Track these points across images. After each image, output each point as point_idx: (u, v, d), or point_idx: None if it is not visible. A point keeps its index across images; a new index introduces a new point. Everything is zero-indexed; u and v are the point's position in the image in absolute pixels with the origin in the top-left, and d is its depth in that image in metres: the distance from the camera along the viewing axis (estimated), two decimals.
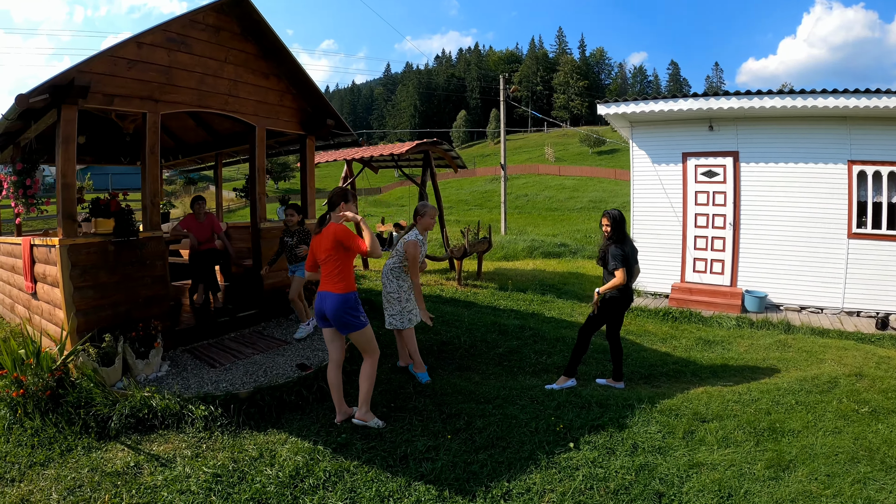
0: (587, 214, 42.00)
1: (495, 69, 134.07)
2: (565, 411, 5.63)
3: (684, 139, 12.13)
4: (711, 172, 11.81)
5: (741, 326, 10.12)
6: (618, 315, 6.72)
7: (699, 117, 11.74)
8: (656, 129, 12.51)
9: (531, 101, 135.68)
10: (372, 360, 5.36)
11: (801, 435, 5.06)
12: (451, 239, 14.43)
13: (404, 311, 6.67)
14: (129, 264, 6.78)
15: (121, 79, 6.64)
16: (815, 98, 10.07)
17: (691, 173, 12.04)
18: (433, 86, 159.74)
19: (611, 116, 12.39)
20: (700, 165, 11.95)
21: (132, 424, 5.35)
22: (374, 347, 5.38)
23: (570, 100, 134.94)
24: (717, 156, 11.79)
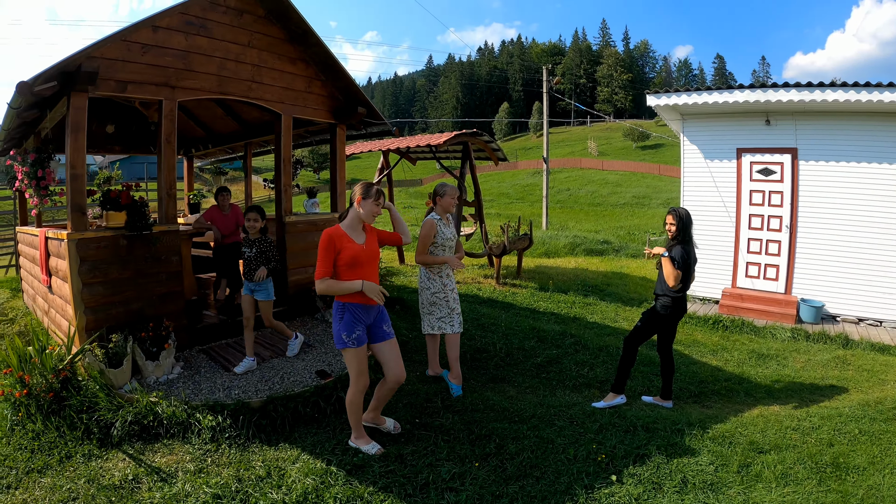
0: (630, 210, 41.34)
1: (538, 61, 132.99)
2: (608, 435, 5.02)
3: (739, 134, 11.33)
4: (768, 170, 11.01)
5: (796, 339, 9.38)
6: (670, 326, 6.06)
7: (755, 110, 10.94)
8: (709, 123, 11.73)
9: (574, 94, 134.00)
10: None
11: (867, 473, 4.42)
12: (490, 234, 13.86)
13: (454, 313, 6.20)
14: (142, 259, 6.41)
15: (135, 64, 6.26)
16: (882, 92, 9.19)
17: (746, 171, 11.25)
18: (475, 78, 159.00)
19: (661, 108, 11.64)
20: (756, 162, 11.14)
21: (136, 432, 5.03)
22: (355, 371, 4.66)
23: (614, 93, 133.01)
24: (774, 152, 10.96)
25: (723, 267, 11.49)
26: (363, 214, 4.55)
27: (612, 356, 7.63)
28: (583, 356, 7.68)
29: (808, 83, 9.87)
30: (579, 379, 6.98)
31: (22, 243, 10.06)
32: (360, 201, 4.55)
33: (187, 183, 13.46)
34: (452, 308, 6.19)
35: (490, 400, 5.79)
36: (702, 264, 9.48)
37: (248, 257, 6.35)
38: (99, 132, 11.07)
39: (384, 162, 14.64)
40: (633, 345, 6.05)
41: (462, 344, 7.54)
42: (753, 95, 10.32)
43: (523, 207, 42.84)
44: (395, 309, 8.99)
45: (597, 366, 7.39)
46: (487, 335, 8.18)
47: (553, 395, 6.30)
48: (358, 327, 4.47)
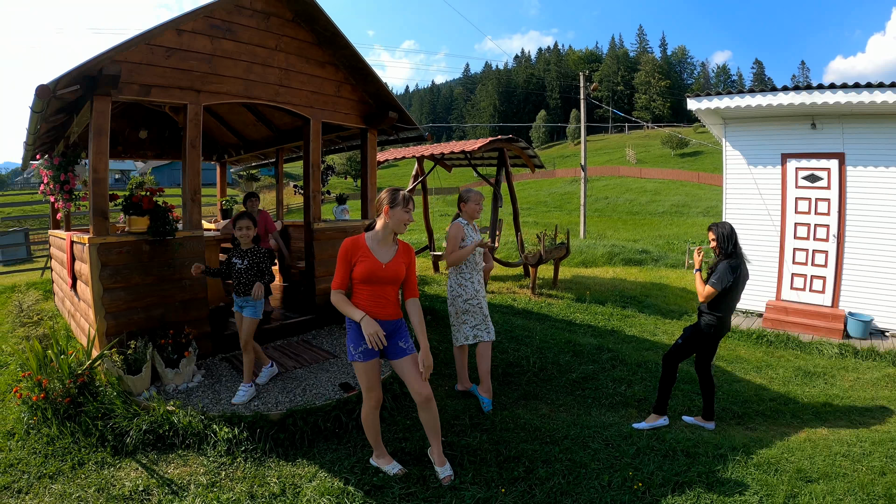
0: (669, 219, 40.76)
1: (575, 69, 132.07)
2: (645, 461, 4.67)
3: (784, 138, 10.82)
4: (814, 177, 10.50)
5: (844, 355, 8.85)
6: (711, 345, 5.69)
7: (800, 113, 10.44)
8: (752, 127, 11.23)
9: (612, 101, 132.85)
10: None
11: None
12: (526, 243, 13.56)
13: (487, 319, 5.99)
14: (164, 265, 6.31)
15: (159, 68, 6.16)
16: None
17: (791, 177, 10.73)
18: (513, 85, 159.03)
19: (701, 112, 11.18)
20: (801, 168, 10.62)
21: (151, 441, 4.90)
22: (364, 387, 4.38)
23: (652, 100, 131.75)
24: (820, 157, 10.43)
25: (767, 278, 10.98)
26: (392, 224, 4.18)
27: (651, 372, 7.26)
28: (620, 372, 7.30)
29: (855, 84, 9.35)
30: (616, 397, 6.59)
31: (53, 246, 10.12)
32: (387, 211, 4.18)
33: (220, 189, 13.40)
34: (486, 314, 5.98)
35: (521, 418, 5.49)
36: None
37: (239, 269, 5.71)
38: (132, 137, 11.10)
39: (419, 168, 14.45)
40: (672, 363, 5.70)
41: (494, 358, 7.24)
42: (798, 97, 9.82)
43: (561, 216, 42.53)
44: (426, 319, 8.71)
45: (635, 383, 6.99)
46: (521, 349, 7.86)
47: (588, 415, 5.95)
48: (364, 341, 4.14)
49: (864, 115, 9.92)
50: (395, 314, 4.27)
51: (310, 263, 8.05)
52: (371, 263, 4.10)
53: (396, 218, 4.15)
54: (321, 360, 6.68)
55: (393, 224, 4.17)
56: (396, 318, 4.28)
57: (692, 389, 6.67)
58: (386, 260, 4.17)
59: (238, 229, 5.76)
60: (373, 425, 4.39)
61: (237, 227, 5.76)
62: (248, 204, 8.77)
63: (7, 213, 29.77)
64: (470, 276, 5.97)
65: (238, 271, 5.71)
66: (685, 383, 6.94)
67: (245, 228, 5.76)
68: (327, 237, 8.07)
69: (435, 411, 4.31)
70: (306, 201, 8.08)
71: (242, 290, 5.68)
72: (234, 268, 5.73)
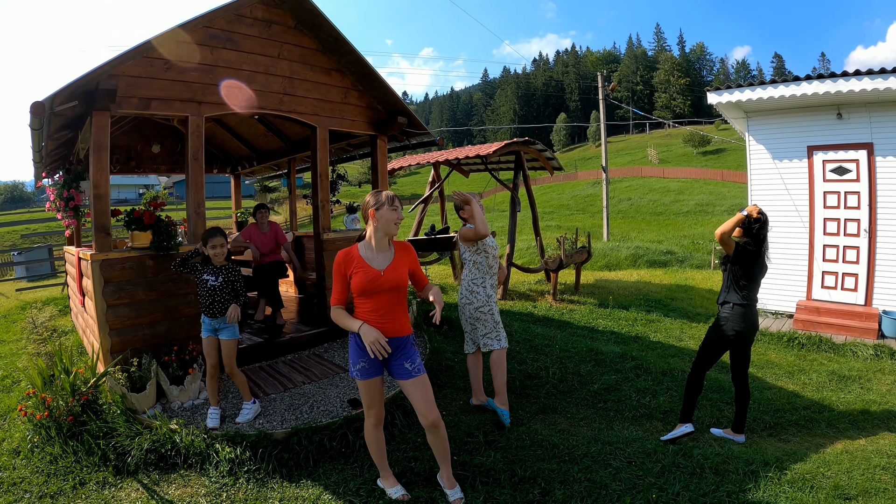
0: (694, 219, 40.18)
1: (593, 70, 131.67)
2: (670, 479, 4.36)
3: (809, 130, 10.42)
4: (842, 169, 10.08)
5: (880, 357, 8.43)
6: (744, 347, 5.36)
7: (825, 103, 10.03)
8: (776, 119, 10.85)
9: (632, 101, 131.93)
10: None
11: None
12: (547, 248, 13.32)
13: (499, 327, 5.75)
14: (169, 281, 6.19)
15: (158, 80, 6.07)
16: None
17: (818, 170, 10.32)
18: (532, 89, 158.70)
19: (723, 106, 10.80)
20: (828, 161, 10.21)
21: (153, 461, 4.77)
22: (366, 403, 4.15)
23: (672, 98, 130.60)
24: (847, 149, 10.01)
25: (797, 277, 10.58)
26: (382, 226, 3.90)
27: (678, 381, 6.94)
28: (644, 382, 6.96)
29: (881, 69, 8.91)
30: (640, 409, 6.24)
31: (67, 262, 10.08)
32: (373, 214, 3.91)
33: (235, 201, 13.33)
34: (497, 321, 5.73)
35: (538, 434, 5.20)
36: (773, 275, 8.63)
37: (213, 287, 5.26)
38: (146, 152, 11.05)
39: (435, 174, 14.23)
40: (700, 368, 5.40)
41: (511, 369, 7.00)
42: (823, 86, 9.40)
43: (584, 219, 42.16)
44: (443, 329, 8.51)
45: (660, 393, 6.65)
46: (540, 358, 7.57)
47: (610, 429, 5.63)
48: (363, 358, 3.90)
49: (892, 102, 9.51)
50: (402, 329, 3.98)
51: (320, 275, 7.89)
52: (367, 273, 3.84)
53: (385, 219, 3.88)
54: (331, 375, 6.48)
55: (382, 226, 3.90)
56: (403, 334, 3.99)
57: (721, 399, 6.34)
58: (383, 266, 3.90)
59: (211, 247, 5.31)
60: (376, 444, 4.16)
61: (210, 245, 5.31)
62: (258, 216, 8.61)
63: (33, 230, 30.01)
64: (482, 280, 5.74)
65: (212, 289, 5.27)
66: (713, 392, 6.62)
67: (219, 246, 5.34)
68: (338, 247, 7.84)
69: (444, 435, 4.05)
70: (315, 211, 7.93)
71: (218, 311, 5.27)
72: (206, 285, 5.28)
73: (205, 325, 5.35)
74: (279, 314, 8.45)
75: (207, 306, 5.27)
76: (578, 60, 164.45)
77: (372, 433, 4.11)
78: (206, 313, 5.30)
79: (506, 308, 10.93)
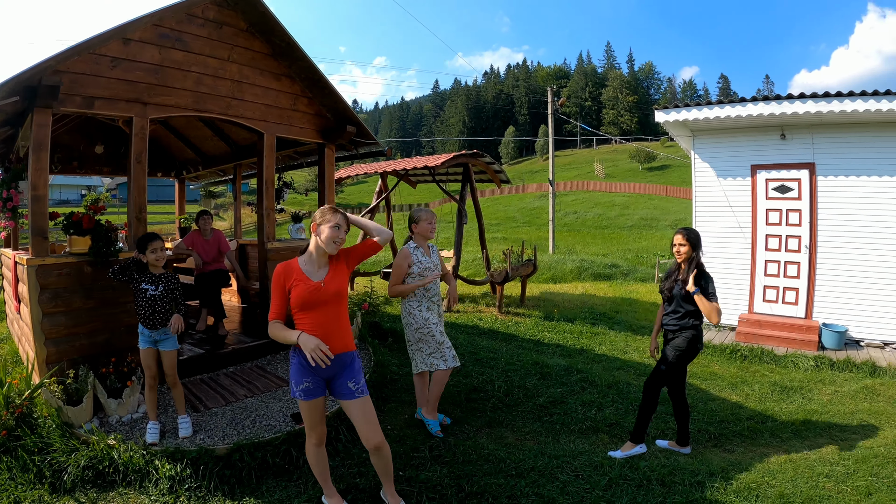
0: (638, 233, 41.01)
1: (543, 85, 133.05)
2: (618, 492, 4.39)
3: (753, 150, 10.77)
4: (784, 187, 10.43)
5: (820, 368, 8.70)
6: (684, 367, 5.45)
7: (770, 124, 10.40)
8: (721, 138, 11.16)
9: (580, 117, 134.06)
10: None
11: None
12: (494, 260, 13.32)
13: (443, 347, 5.61)
14: (108, 288, 5.91)
15: (103, 79, 5.84)
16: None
17: (761, 188, 10.66)
18: (482, 101, 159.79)
19: (669, 124, 11.07)
20: (771, 179, 10.56)
21: (90, 478, 4.56)
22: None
23: (620, 115, 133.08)
24: (790, 168, 10.38)
25: (739, 291, 10.87)
26: (322, 241, 3.79)
27: (623, 394, 7.01)
28: (590, 395, 7.00)
29: (825, 93, 9.31)
30: (586, 422, 6.26)
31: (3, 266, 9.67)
32: (314, 228, 3.83)
33: (178, 206, 13.02)
34: (441, 342, 5.58)
35: (485, 449, 5.17)
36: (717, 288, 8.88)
37: (153, 296, 5.03)
38: (88, 153, 10.69)
39: (382, 185, 14.13)
40: (654, 388, 5.41)
41: (457, 382, 6.97)
42: (767, 108, 9.76)
43: (530, 231, 42.55)
44: (387, 342, 8.42)
45: (605, 406, 6.70)
46: (486, 371, 7.56)
47: (556, 443, 5.64)
48: (307, 378, 3.77)
49: (834, 124, 9.90)
50: (346, 346, 3.86)
51: (264, 285, 7.68)
52: (307, 285, 3.72)
53: (325, 237, 3.77)
54: (274, 388, 6.32)
55: (324, 241, 3.79)
56: (348, 350, 3.88)
57: (666, 411, 6.37)
58: (322, 277, 3.80)
59: (151, 251, 5.07)
60: (318, 462, 4.03)
61: (149, 250, 5.07)
62: (201, 222, 8.39)
63: None
64: (419, 303, 5.61)
65: (151, 298, 5.03)
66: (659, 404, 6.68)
67: (158, 250, 5.11)
68: (282, 257, 7.66)
69: (387, 455, 3.94)
70: (260, 220, 7.74)
71: (159, 322, 5.03)
72: (145, 294, 5.03)
73: (143, 336, 5.10)
74: (221, 324, 8.23)
75: (147, 317, 5.03)
76: (529, 75, 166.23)
77: (314, 452, 3.99)
78: (146, 324, 5.05)
79: (451, 320, 10.89)
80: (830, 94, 9.22)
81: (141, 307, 5.04)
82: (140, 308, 5.05)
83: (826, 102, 9.21)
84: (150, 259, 5.10)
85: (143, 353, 5.10)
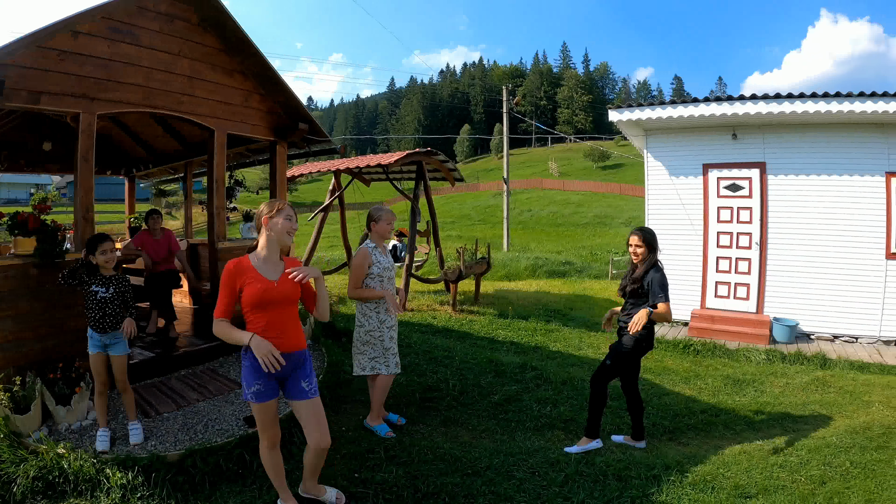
0: (592, 230, 41.45)
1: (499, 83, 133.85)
2: (574, 488, 4.43)
3: (705, 149, 11.01)
4: (735, 186, 10.69)
5: (772, 361, 8.92)
6: (637, 362, 5.53)
7: (721, 124, 10.65)
8: (674, 138, 11.38)
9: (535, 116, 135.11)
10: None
11: None
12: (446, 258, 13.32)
13: (388, 353, 5.58)
14: (55, 291, 5.66)
15: (51, 73, 5.62)
16: (852, 102, 8.99)
17: (713, 187, 10.91)
18: (437, 100, 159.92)
19: (623, 123, 11.24)
20: (723, 178, 10.83)
21: (40, 489, 4.37)
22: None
23: (574, 114, 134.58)
24: (741, 167, 10.67)
25: (691, 287, 11.09)
26: (276, 235, 3.76)
27: (577, 390, 7.08)
28: (545, 392, 7.06)
29: (776, 95, 9.62)
30: (541, 419, 6.30)
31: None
32: (266, 222, 3.76)
33: (128, 205, 12.71)
34: (387, 348, 5.55)
35: (440, 448, 5.16)
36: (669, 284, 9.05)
37: (104, 299, 4.86)
38: (36, 150, 10.37)
39: (335, 183, 14.02)
40: (601, 383, 5.46)
41: (411, 382, 6.96)
42: (720, 108, 10.01)
43: (485, 229, 42.67)
44: (342, 342, 8.32)
45: (560, 402, 6.76)
46: (440, 370, 7.55)
47: (512, 440, 5.66)
48: (259, 380, 3.70)
49: (784, 125, 10.21)
50: (299, 345, 3.83)
51: (215, 285, 7.54)
52: (261, 284, 3.66)
53: (278, 228, 3.74)
54: (227, 391, 6.20)
55: (277, 235, 3.76)
56: (299, 349, 3.84)
57: (621, 406, 6.42)
58: (276, 277, 3.75)
59: (101, 253, 4.88)
60: (273, 466, 3.97)
61: (99, 251, 4.88)
62: (150, 222, 8.19)
63: None
64: (376, 305, 5.56)
65: (102, 301, 4.85)
66: (613, 399, 6.72)
67: (109, 251, 4.93)
68: (233, 257, 7.51)
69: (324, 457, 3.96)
70: (210, 219, 7.59)
71: (110, 325, 4.86)
72: (96, 297, 4.85)
73: (93, 340, 4.90)
74: (172, 327, 8.06)
75: (97, 320, 4.84)
76: (485, 73, 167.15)
77: (268, 455, 3.94)
78: (96, 328, 4.86)
79: (405, 319, 10.85)
80: (781, 96, 9.53)
81: (91, 310, 4.87)
82: (90, 311, 4.88)
83: (777, 104, 9.51)
84: (100, 261, 4.91)
85: (93, 359, 4.91)
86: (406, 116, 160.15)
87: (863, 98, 8.95)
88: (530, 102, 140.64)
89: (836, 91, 9.13)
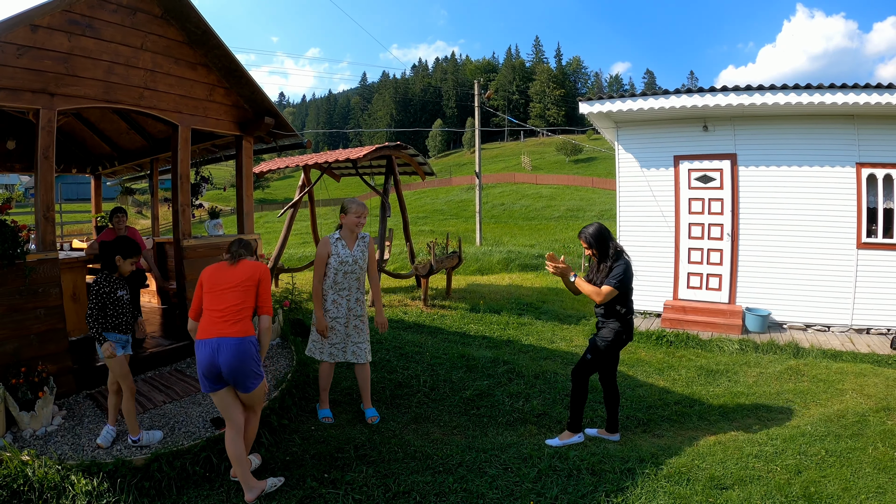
0: (565, 223, 41.57)
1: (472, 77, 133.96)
2: (548, 484, 4.40)
3: (676, 141, 11.07)
4: (707, 177, 10.75)
5: (745, 351, 8.99)
6: (616, 354, 5.52)
7: (692, 116, 10.71)
8: (645, 130, 11.42)
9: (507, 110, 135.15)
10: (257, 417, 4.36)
11: (842, 502, 3.98)
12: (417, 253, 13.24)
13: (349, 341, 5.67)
14: (15, 293, 5.51)
15: (9, 68, 5.44)
16: (823, 93, 9.07)
17: (684, 178, 10.98)
18: (410, 94, 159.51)
19: (594, 116, 11.23)
20: (694, 170, 10.89)
21: (5, 498, 4.25)
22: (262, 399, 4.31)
23: (547, 108, 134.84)
24: (712, 159, 10.74)
25: (663, 278, 11.16)
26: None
27: (550, 384, 7.06)
28: (517, 386, 7.03)
29: (746, 86, 9.71)
30: (514, 414, 6.28)
31: None
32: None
33: (95, 204, 12.45)
34: (349, 335, 5.64)
35: (411, 446, 5.11)
36: (641, 276, 9.02)
37: (126, 300, 4.91)
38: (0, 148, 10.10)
39: (305, 178, 13.87)
40: (582, 376, 5.44)
41: (382, 378, 6.91)
42: (690, 100, 10.06)
43: (458, 223, 42.63)
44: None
45: (533, 397, 6.74)
46: (411, 366, 7.49)
47: (484, 436, 5.62)
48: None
49: (755, 116, 10.29)
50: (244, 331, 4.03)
51: (181, 284, 7.37)
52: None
53: None
54: (193, 392, 6.08)
55: None
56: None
57: (595, 398, 6.42)
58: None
59: (131, 263, 4.88)
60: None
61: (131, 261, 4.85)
62: (115, 220, 8.00)
63: None
64: (335, 298, 5.62)
65: (125, 303, 4.88)
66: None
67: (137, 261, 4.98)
68: (199, 255, 7.43)
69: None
70: (175, 216, 7.41)
71: (129, 325, 4.93)
72: (122, 301, 4.83)
73: (119, 343, 4.83)
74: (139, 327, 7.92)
75: (123, 323, 4.84)
76: (457, 68, 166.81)
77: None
78: (121, 330, 4.84)
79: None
80: (752, 88, 9.63)
81: (115, 315, 4.80)
82: (113, 317, 4.79)
83: (748, 95, 9.60)
84: (128, 269, 4.90)
85: (121, 361, 4.77)
86: (378, 111, 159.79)
87: (833, 90, 9.03)
88: (503, 97, 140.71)
89: (807, 83, 9.21)
